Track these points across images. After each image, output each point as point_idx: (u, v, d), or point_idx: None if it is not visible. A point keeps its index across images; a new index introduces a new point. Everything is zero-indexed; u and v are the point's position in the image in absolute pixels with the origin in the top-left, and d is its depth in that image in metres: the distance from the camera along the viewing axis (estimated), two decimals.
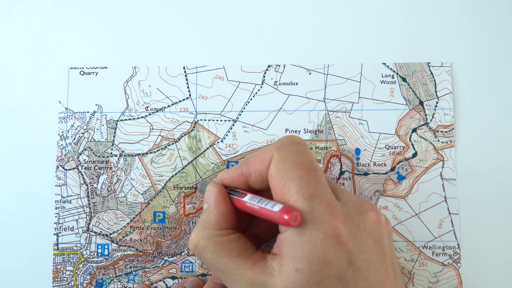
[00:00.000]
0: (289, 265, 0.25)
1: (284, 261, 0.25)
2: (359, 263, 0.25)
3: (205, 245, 0.28)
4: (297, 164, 0.26)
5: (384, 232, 0.27)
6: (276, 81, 0.38)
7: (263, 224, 0.32)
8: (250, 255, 0.27)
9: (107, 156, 0.37)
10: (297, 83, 0.38)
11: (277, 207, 0.25)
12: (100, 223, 0.37)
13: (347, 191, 0.28)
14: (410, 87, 0.38)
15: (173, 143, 0.38)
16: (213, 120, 0.38)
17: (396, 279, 0.27)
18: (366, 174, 0.37)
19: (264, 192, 0.29)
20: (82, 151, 0.37)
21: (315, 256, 0.24)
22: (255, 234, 0.32)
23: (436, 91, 0.38)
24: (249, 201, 0.28)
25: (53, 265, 0.36)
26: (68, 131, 0.38)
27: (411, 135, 0.38)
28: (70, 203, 0.37)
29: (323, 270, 0.24)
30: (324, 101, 0.38)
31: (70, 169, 0.37)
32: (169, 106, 0.38)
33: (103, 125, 0.38)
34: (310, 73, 0.38)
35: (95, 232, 0.37)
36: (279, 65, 0.39)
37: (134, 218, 0.37)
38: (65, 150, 0.37)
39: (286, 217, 0.24)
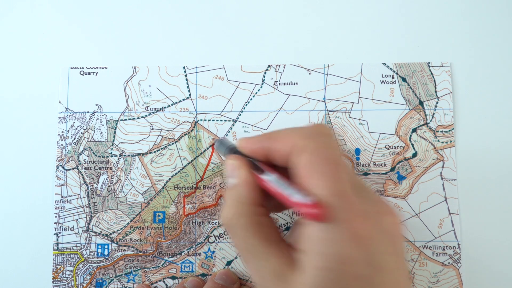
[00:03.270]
0: (310, 262, 0.25)
1: (306, 257, 0.25)
2: (377, 264, 0.25)
3: (239, 222, 0.27)
4: (327, 158, 0.26)
5: (401, 235, 0.27)
6: (276, 81, 0.38)
7: (274, 199, 0.32)
8: (279, 243, 0.27)
9: (107, 156, 0.37)
10: (297, 83, 0.38)
11: (302, 198, 0.25)
12: (100, 223, 0.37)
13: (367, 188, 0.28)
14: (410, 87, 0.38)
15: (173, 143, 0.38)
16: (213, 120, 0.38)
17: (408, 281, 0.27)
18: (366, 174, 0.37)
19: (280, 168, 0.28)
20: (82, 151, 0.37)
21: (335, 254, 0.24)
22: (264, 206, 0.32)
23: (436, 91, 0.38)
24: (268, 180, 0.27)
25: (53, 265, 0.36)
26: (68, 131, 0.38)
27: (411, 135, 0.38)
28: (70, 203, 0.37)
29: (343, 269, 0.24)
30: (324, 101, 0.38)
31: (70, 169, 0.37)
32: (169, 106, 0.38)
33: (103, 125, 0.38)
34: (310, 73, 0.38)
35: (95, 232, 0.37)
36: (279, 65, 0.39)
37: (134, 218, 0.37)
38: (65, 150, 0.37)
39: (315, 211, 0.24)
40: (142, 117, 0.38)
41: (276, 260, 0.26)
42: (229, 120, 0.38)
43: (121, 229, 0.37)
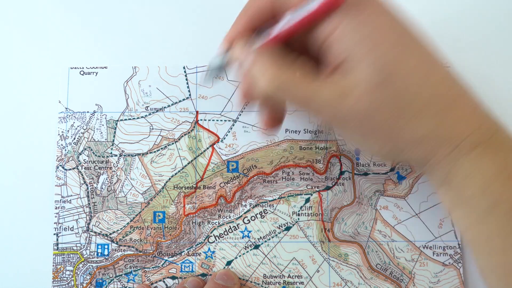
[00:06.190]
0: (354, 58, 0.26)
1: (353, 52, 0.26)
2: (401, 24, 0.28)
3: (285, 81, 0.26)
4: None
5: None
6: None
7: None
8: (319, 78, 0.27)
9: (107, 156, 0.37)
10: None
11: (315, 2, 0.25)
12: (100, 223, 0.37)
13: None
14: None
15: (173, 143, 0.38)
16: (213, 120, 0.38)
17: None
18: (366, 174, 0.37)
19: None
20: (82, 151, 0.37)
21: (368, 35, 0.26)
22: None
23: None
24: (289, 23, 0.27)
25: (53, 265, 0.36)
26: (68, 131, 0.38)
27: None
28: (70, 203, 0.37)
29: (386, 38, 0.26)
30: None
31: (70, 169, 0.37)
32: (169, 106, 0.38)
33: (103, 125, 0.38)
34: None
35: (95, 232, 0.37)
36: None
37: (134, 218, 0.37)
38: (65, 150, 0.37)
39: None
40: (142, 117, 0.38)
41: (327, 85, 0.26)
42: (229, 120, 0.38)
43: (121, 229, 0.37)
